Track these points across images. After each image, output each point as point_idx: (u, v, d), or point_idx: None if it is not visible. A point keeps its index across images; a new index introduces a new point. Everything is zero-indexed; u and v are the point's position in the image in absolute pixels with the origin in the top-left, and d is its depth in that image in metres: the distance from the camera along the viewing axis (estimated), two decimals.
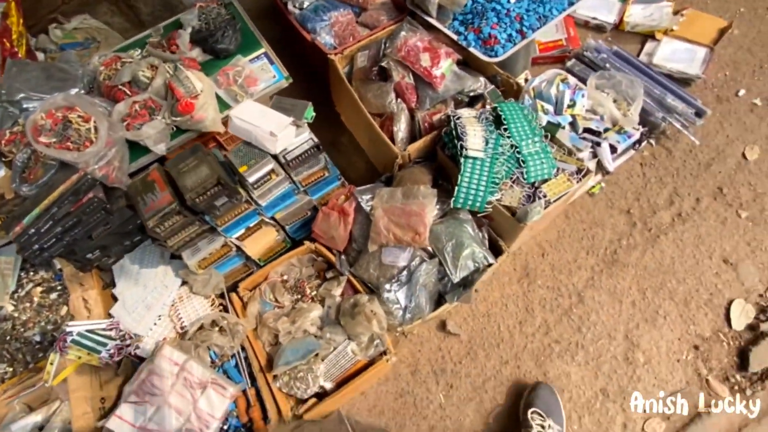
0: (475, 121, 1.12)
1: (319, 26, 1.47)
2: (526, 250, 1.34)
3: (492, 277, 1.31)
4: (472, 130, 1.08)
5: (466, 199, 1.05)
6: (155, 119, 1.22)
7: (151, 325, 1.13)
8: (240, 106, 1.05)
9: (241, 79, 1.31)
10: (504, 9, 1.26)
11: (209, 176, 0.93)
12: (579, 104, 1.34)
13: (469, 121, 1.11)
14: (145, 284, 1.19)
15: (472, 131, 1.08)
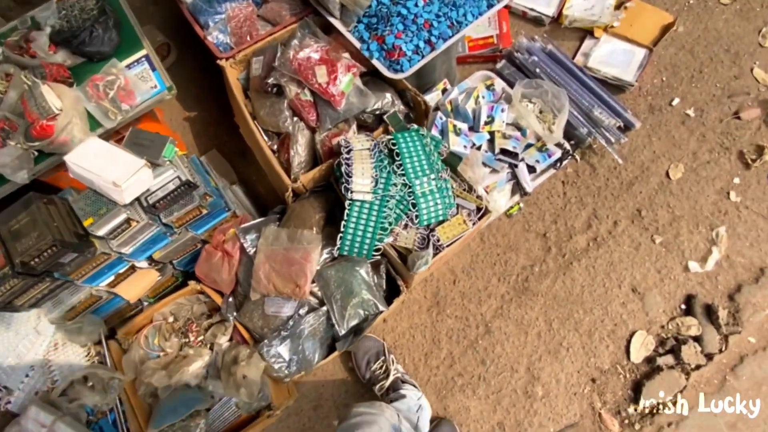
0: (366, 155, 1.01)
1: (213, 21, 1.28)
2: (437, 276, 1.29)
3: (402, 306, 1.26)
4: (360, 167, 0.98)
5: (351, 246, 0.97)
6: (9, 145, 1.06)
7: (23, 378, 1.05)
8: (80, 148, 0.90)
9: (113, 91, 1.14)
10: (410, 14, 1.10)
11: (42, 236, 0.81)
12: (497, 120, 1.24)
13: (360, 156, 1.00)
14: (17, 330, 1.09)
15: (359, 169, 0.97)
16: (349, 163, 0.98)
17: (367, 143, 1.03)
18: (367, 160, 1.00)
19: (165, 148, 0.91)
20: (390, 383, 1.12)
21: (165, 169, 0.93)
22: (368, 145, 1.02)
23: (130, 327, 1.10)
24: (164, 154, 0.91)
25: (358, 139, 1.05)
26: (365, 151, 1.01)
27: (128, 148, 0.91)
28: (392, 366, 1.15)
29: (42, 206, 0.84)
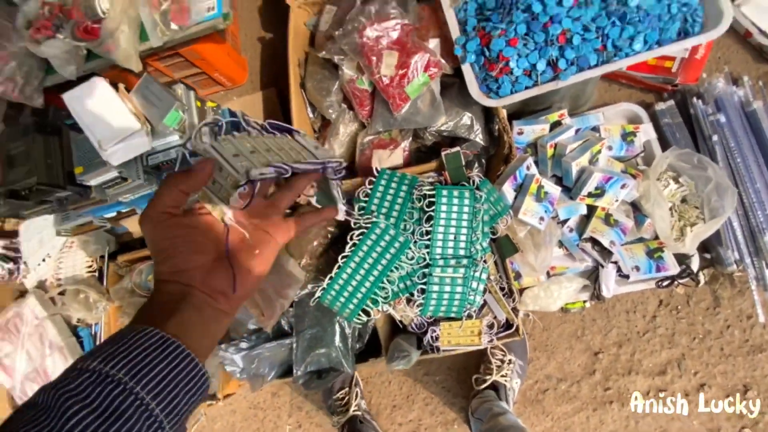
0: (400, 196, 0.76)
1: None
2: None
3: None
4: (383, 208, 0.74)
5: (335, 299, 0.79)
6: (58, 38, 0.99)
7: (39, 261, 1.15)
8: (81, 88, 0.79)
9: (167, 3, 0.98)
10: (545, 15, 0.71)
11: (30, 173, 0.76)
12: (609, 196, 0.87)
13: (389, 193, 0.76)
14: (46, 217, 1.17)
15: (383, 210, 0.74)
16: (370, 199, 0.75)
17: (404, 184, 0.77)
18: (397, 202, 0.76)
19: (169, 113, 0.76)
20: (347, 420, 1.04)
21: (169, 134, 0.80)
22: (403, 191, 0.77)
23: (132, 256, 1.12)
24: (165, 121, 0.77)
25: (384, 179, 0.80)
26: (401, 195, 0.77)
27: (137, 97, 0.79)
28: (355, 401, 1.06)
29: (39, 140, 0.79)
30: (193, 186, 0.32)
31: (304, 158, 0.38)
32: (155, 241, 0.32)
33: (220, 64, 1.23)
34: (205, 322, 0.32)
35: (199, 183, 0.32)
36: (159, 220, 0.32)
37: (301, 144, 0.41)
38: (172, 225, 0.32)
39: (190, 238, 0.33)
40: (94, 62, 1.05)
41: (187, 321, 0.30)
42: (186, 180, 0.32)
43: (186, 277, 0.31)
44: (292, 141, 0.40)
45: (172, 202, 0.32)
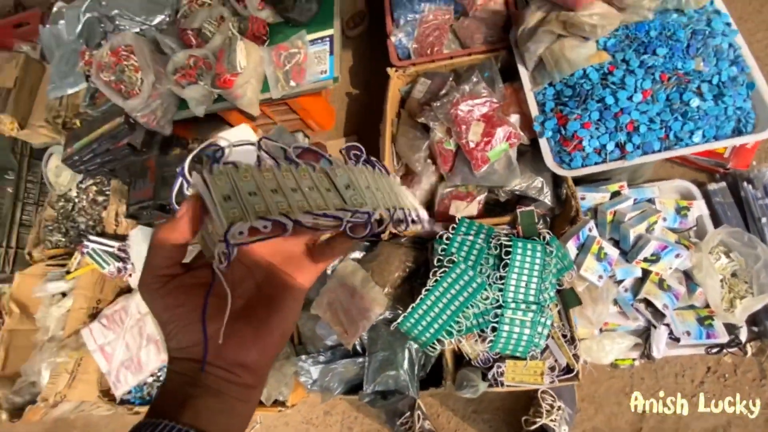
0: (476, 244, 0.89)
1: (405, 18, 1.21)
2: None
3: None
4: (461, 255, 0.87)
5: (413, 326, 0.91)
6: (199, 83, 1.22)
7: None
8: (231, 131, 0.99)
9: (290, 65, 1.21)
10: (616, 107, 0.86)
11: None
12: (663, 263, 0.96)
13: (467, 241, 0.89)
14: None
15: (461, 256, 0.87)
16: (449, 247, 0.89)
17: (482, 233, 0.90)
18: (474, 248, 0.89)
19: None
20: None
21: None
22: (481, 239, 0.90)
23: None
24: None
25: (465, 227, 0.93)
26: (479, 242, 0.90)
27: None
28: (418, 423, 1.12)
29: None
30: (180, 236, 0.26)
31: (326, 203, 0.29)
32: (156, 313, 0.27)
33: (315, 112, 1.44)
34: (228, 407, 0.27)
35: (185, 232, 0.26)
36: (155, 288, 0.26)
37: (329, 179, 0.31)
38: (171, 291, 0.27)
39: (195, 302, 0.27)
40: (220, 105, 1.28)
41: (204, 409, 0.26)
42: (172, 231, 0.26)
43: (197, 352, 0.26)
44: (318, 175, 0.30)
45: (164, 261, 0.27)
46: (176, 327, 0.26)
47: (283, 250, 0.31)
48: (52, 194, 1.51)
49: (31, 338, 1.42)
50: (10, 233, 1.45)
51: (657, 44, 0.85)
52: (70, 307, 1.33)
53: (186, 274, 0.28)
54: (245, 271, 0.30)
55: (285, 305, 0.30)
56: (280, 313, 0.30)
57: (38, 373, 1.27)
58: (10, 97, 1.36)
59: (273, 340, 0.29)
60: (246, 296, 0.30)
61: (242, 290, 0.30)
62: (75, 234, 1.44)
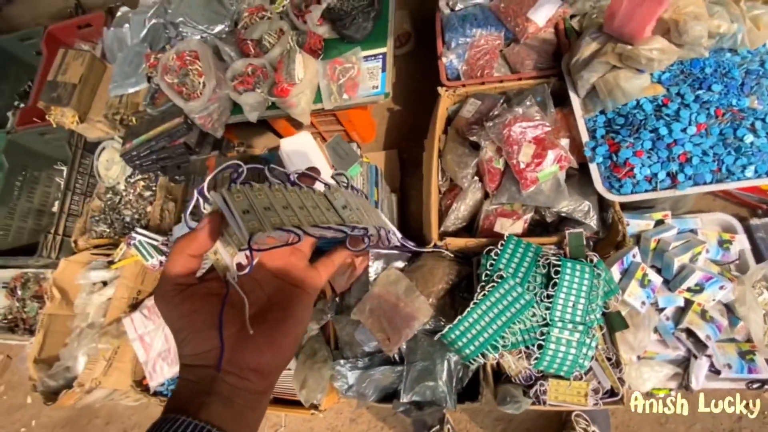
0: (526, 262, 0.91)
1: (456, 41, 1.26)
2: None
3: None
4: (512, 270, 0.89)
5: (456, 339, 0.92)
6: (256, 91, 1.28)
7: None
8: (293, 138, 1.03)
9: (344, 79, 1.26)
10: (669, 137, 0.89)
11: None
12: (707, 294, 0.97)
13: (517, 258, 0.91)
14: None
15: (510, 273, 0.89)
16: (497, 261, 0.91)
17: (530, 253, 0.93)
18: (523, 264, 0.91)
19: (353, 166, 0.98)
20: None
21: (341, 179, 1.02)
22: (529, 257, 0.92)
23: None
24: (350, 171, 0.99)
25: (513, 246, 0.95)
26: (527, 259, 0.92)
27: (328, 150, 1.02)
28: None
29: None
30: (199, 247, 0.29)
31: (328, 220, 0.32)
32: (171, 321, 0.28)
33: (359, 125, 1.49)
34: (237, 415, 0.28)
35: (204, 243, 0.29)
36: (172, 296, 0.28)
37: (328, 200, 0.35)
38: (186, 298, 0.28)
39: (209, 310, 0.29)
40: (271, 112, 1.34)
41: (216, 416, 0.26)
42: (191, 242, 0.28)
43: (210, 358, 0.28)
44: (319, 197, 0.34)
45: (182, 270, 0.29)
46: (191, 333, 0.28)
47: (289, 263, 0.34)
48: (101, 186, 1.58)
49: (67, 324, 1.46)
50: (58, 221, 1.50)
51: (712, 81, 0.88)
52: (111, 295, 1.37)
53: (200, 285, 0.30)
54: (255, 284, 0.33)
55: (296, 310, 0.32)
56: (292, 317, 0.31)
57: (75, 358, 1.31)
58: (75, 92, 1.43)
59: (286, 343, 0.30)
60: (257, 305, 0.32)
61: (253, 300, 0.31)
62: (120, 226, 1.50)
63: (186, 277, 0.29)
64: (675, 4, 0.87)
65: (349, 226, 0.33)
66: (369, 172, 1.18)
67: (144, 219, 1.47)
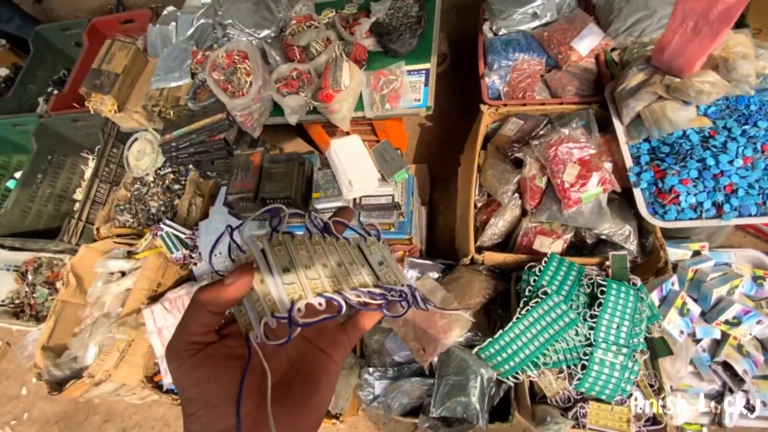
0: (570, 279, 0.91)
1: (498, 63, 1.30)
2: None
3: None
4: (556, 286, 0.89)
5: (494, 354, 0.91)
6: (300, 94, 1.31)
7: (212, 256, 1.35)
8: (343, 140, 1.05)
9: (388, 89, 1.29)
10: (716, 168, 0.90)
11: (284, 189, 0.99)
12: (744, 328, 0.96)
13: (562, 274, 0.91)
14: (228, 219, 1.40)
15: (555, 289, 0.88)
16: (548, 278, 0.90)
17: (572, 273, 0.92)
18: (567, 282, 0.90)
19: (399, 172, 0.99)
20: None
21: (388, 185, 1.02)
22: (572, 275, 0.92)
23: None
24: (396, 176, 0.99)
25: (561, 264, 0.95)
26: (570, 278, 0.91)
27: (375, 154, 1.03)
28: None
29: (297, 166, 1.03)
30: (225, 304, 0.25)
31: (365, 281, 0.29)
32: (183, 387, 0.24)
33: (393, 136, 1.51)
34: None
35: (231, 300, 0.25)
36: (186, 356, 0.24)
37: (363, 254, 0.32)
38: (203, 361, 0.24)
39: (228, 378, 0.24)
40: (311, 116, 1.36)
41: None
42: (216, 296, 0.24)
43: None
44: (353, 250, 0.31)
45: (200, 327, 0.25)
46: (203, 408, 0.24)
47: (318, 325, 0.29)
48: (128, 176, 1.57)
49: (78, 313, 1.42)
50: (83, 207, 1.49)
51: (758, 117, 0.91)
52: (129, 286, 1.34)
53: (219, 343, 0.26)
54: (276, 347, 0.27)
55: (322, 385, 0.27)
56: (317, 394, 0.27)
57: (86, 347, 1.27)
58: (117, 81, 1.45)
59: (310, 424, 0.26)
60: (279, 372, 0.27)
61: (275, 366, 0.27)
62: (144, 217, 1.48)
63: (205, 335, 0.25)
64: (725, 42, 0.90)
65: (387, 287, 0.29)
66: (407, 182, 1.19)
67: (170, 211, 1.46)
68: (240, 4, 1.50)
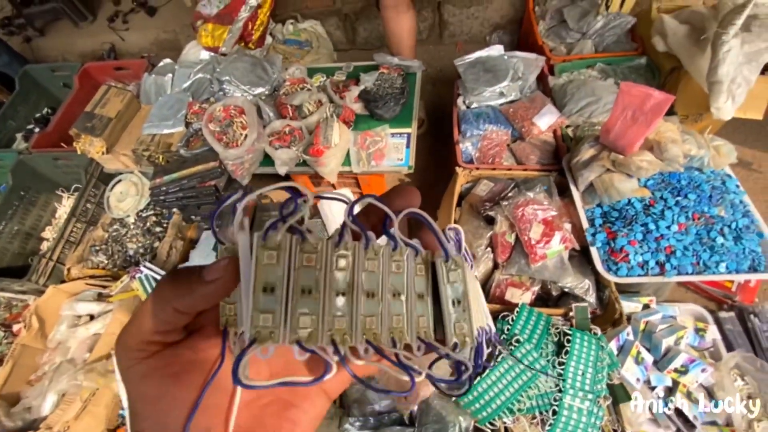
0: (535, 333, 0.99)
1: (471, 132, 1.46)
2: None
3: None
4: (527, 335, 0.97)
5: (473, 401, 0.96)
6: (291, 148, 1.40)
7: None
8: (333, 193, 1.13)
9: (374, 148, 1.41)
10: (657, 232, 1.06)
11: None
12: (690, 376, 1.07)
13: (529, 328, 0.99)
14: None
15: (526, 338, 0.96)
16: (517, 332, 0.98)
17: (540, 325, 1.01)
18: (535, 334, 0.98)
19: None
20: None
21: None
22: (541, 326, 1.01)
23: None
24: None
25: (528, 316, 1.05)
26: (539, 327, 1.00)
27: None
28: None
29: None
30: (196, 305, 0.19)
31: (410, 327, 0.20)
32: (130, 395, 0.19)
33: (375, 189, 1.62)
34: None
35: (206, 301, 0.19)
36: (137, 357, 0.19)
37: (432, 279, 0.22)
38: (155, 370, 0.19)
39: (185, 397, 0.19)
40: (299, 168, 1.45)
41: None
42: (184, 294, 0.19)
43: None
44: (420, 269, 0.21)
45: (160, 325, 0.19)
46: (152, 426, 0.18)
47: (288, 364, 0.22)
48: (107, 217, 1.56)
49: (36, 358, 1.33)
50: (55, 246, 1.45)
51: (687, 191, 1.09)
52: (98, 330, 1.29)
53: (183, 344, 0.20)
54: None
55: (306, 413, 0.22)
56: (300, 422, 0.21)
57: (43, 396, 1.18)
58: (109, 125, 1.49)
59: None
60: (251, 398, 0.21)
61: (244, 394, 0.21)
62: (120, 258, 1.47)
63: (165, 334, 0.19)
64: (658, 128, 1.10)
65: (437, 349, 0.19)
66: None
67: (149, 254, 1.45)
68: (238, 63, 1.62)
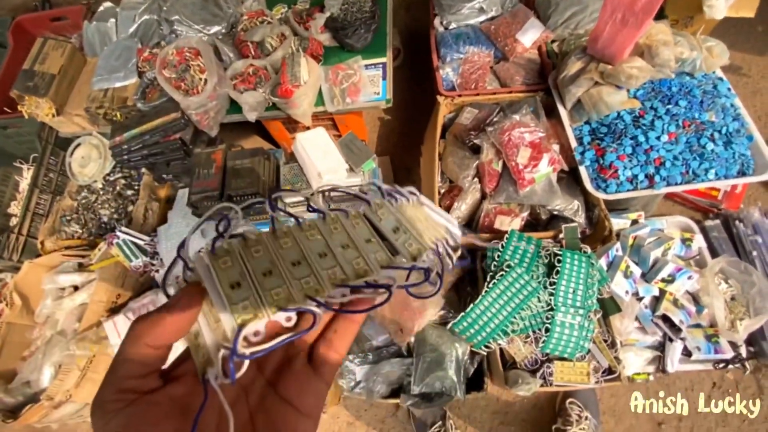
0: (527, 254, 0.98)
1: (451, 56, 1.36)
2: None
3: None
4: (517, 260, 0.96)
5: (467, 328, 0.97)
6: (258, 90, 1.29)
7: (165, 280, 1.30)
8: (309, 133, 1.06)
9: (347, 83, 1.31)
10: (646, 144, 1.02)
11: (251, 184, 0.99)
12: (677, 284, 1.09)
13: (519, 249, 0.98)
14: (189, 222, 1.36)
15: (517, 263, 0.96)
16: (509, 254, 0.97)
17: (531, 246, 1.00)
18: (526, 258, 0.98)
19: (366, 161, 1.02)
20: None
21: (356, 175, 1.05)
22: (531, 248, 1.00)
23: None
24: (364, 166, 1.02)
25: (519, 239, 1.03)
26: (529, 251, 0.99)
27: (341, 146, 1.05)
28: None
29: (262, 161, 1.02)
30: (166, 335, 0.19)
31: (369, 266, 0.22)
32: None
33: (355, 129, 1.53)
34: None
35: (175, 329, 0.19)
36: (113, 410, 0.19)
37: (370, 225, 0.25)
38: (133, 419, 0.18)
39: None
40: (270, 112, 1.35)
41: None
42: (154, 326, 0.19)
43: None
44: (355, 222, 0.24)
45: (136, 368, 0.19)
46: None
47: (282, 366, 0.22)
48: (73, 185, 1.47)
49: (26, 334, 1.31)
50: (23, 220, 1.37)
51: (678, 97, 1.04)
52: (85, 300, 1.26)
53: (161, 392, 0.20)
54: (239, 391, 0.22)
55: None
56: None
57: (39, 370, 1.18)
58: (54, 83, 1.35)
59: None
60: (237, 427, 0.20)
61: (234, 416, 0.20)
62: (95, 226, 1.40)
63: (141, 379, 0.19)
64: (648, 31, 1.02)
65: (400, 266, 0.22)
66: (372, 172, 1.22)
67: (124, 219, 1.39)
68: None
